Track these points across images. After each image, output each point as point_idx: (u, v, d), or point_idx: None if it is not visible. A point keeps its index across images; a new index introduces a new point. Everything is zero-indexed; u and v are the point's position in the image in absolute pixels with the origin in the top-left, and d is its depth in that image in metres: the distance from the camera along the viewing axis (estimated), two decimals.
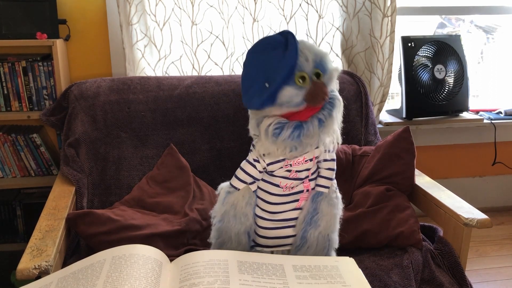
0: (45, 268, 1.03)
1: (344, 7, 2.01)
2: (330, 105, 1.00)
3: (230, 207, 1.07)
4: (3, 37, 1.74)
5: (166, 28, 1.90)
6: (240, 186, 1.08)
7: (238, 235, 1.07)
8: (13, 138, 1.79)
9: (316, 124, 0.98)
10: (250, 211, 1.08)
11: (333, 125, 1.01)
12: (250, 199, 1.08)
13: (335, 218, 1.10)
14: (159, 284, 0.82)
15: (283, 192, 1.07)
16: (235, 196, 1.08)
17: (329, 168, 1.10)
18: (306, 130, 0.97)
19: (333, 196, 1.10)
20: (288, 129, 0.97)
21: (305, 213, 1.09)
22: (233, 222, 1.07)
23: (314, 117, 0.99)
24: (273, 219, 1.09)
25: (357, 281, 0.89)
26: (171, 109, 1.69)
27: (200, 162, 1.68)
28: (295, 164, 1.04)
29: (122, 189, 1.58)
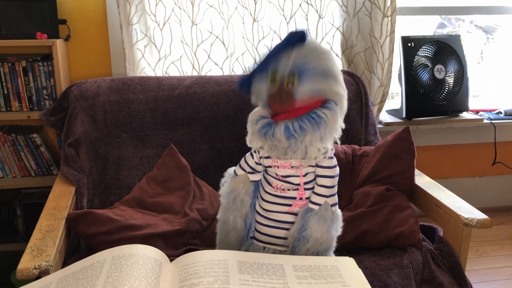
0: (45, 268, 1.03)
1: (344, 7, 2.01)
2: (308, 119, 0.97)
3: (230, 191, 1.11)
4: (3, 37, 1.75)
5: (166, 28, 1.90)
6: (239, 172, 1.12)
7: (235, 219, 1.10)
8: (13, 138, 1.79)
9: (281, 129, 0.97)
10: (248, 200, 1.11)
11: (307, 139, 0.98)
12: (249, 188, 1.11)
13: (328, 237, 1.06)
14: (159, 284, 0.82)
15: (274, 192, 1.08)
16: (235, 181, 1.11)
17: (322, 185, 1.05)
18: (271, 131, 0.98)
19: (326, 214, 1.05)
20: (259, 122, 1.00)
21: (296, 227, 1.06)
22: (232, 205, 1.10)
23: (283, 122, 0.98)
24: (265, 216, 1.09)
25: (357, 281, 0.89)
26: (171, 109, 1.69)
27: (200, 162, 1.68)
28: (281, 167, 1.05)
29: (122, 189, 1.58)
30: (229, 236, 1.11)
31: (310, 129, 0.97)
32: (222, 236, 1.13)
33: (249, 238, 1.13)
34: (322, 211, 1.05)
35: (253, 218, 1.12)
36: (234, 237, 1.11)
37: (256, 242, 1.12)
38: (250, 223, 1.12)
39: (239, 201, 1.10)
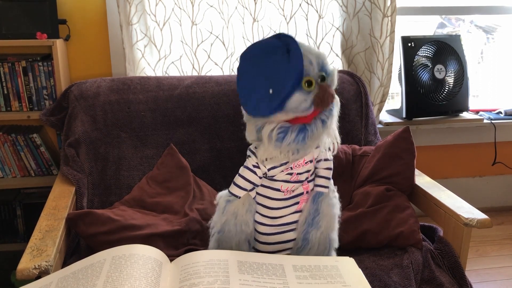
0: (45, 268, 1.03)
1: (344, 7, 2.01)
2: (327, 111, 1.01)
3: (230, 216, 1.05)
4: (3, 37, 1.75)
5: (166, 28, 1.90)
6: (240, 194, 1.06)
7: (239, 244, 1.06)
8: (13, 138, 1.79)
9: (320, 125, 0.99)
10: (251, 218, 1.07)
11: (333, 124, 1.02)
12: (250, 206, 1.06)
13: (335, 218, 1.11)
14: (159, 284, 0.82)
15: (284, 196, 1.07)
16: (235, 204, 1.06)
17: (328, 168, 1.10)
18: (310, 132, 0.98)
19: (332, 196, 1.10)
20: (292, 132, 0.96)
21: (306, 214, 1.08)
22: (234, 231, 1.05)
23: (317, 118, 0.99)
24: (274, 224, 1.08)
25: (357, 281, 0.89)
26: (171, 109, 1.69)
27: (200, 162, 1.68)
28: (295, 167, 1.04)
29: (122, 189, 1.58)
30: None
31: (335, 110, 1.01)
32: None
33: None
34: (330, 194, 1.10)
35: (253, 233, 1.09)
36: None
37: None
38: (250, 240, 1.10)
39: (243, 224, 1.05)
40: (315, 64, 0.97)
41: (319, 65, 0.98)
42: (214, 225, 1.08)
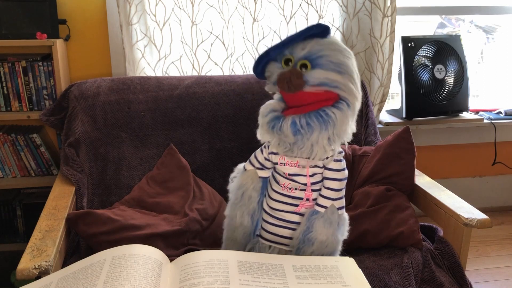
0: (45, 268, 1.03)
1: (344, 7, 2.01)
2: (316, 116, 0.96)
3: (240, 186, 1.11)
4: (3, 37, 1.74)
5: (166, 28, 1.90)
6: (248, 167, 1.11)
7: (242, 215, 1.10)
8: (13, 138, 1.79)
9: (288, 123, 0.96)
10: (255, 196, 1.10)
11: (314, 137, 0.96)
12: (257, 184, 1.10)
13: (334, 241, 1.05)
14: (159, 284, 0.82)
15: (282, 191, 1.08)
16: (244, 176, 1.11)
17: (329, 188, 1.05)
18: (279, 124, 0.97)
19: (332, 217, 1.05)
20: (269, 115, 0.99)
21: (301, 229, 1.06)
22: (240, 201, 1.10)
23: (291, 116, 0.97)
24: (272, 215, 1.09)
25: (357, 281, 0.89)
26: (171, 109, 1.69)
27: (200, 162, 1.68)
28: (287, 164, 1.05)
29: (122, 189, 1.58)
30: (236, 233, 1.11)
31: (317, 127, 0.95)
32: (229, 232, 1.13)
33: (255, 236, 1.13)
34: (328, 214, 1.05)
35: (260, 216, 1.12)
36: (240, 234, 1.11)
37: (262, 241, 1.12)
38: (257, 220, 1.12)
39: (247, 197, 1.10)
40: (305, 51, 0.96)
41: (310, 54, 0.95)
42: (230, 189, 1.14)
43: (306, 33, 0.97)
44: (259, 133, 1.04)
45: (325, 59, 0.96)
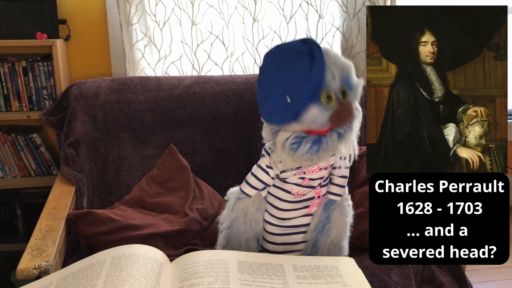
0: (45, 268, 1.03)
1: (344, 7, 2.01)
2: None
3: (240, 213, 1.04)
4: (3, 37, 1.74)
5: (166, 28, 1.90)
6: (251, 193, 1.05)
7: (248, 241, 1.05)
8: (13, 138, 1.79)
9: (335, 138, 0.94)
10: (260, 217, 1.06)
11: (352, 136, 0.97)
12: (261, 205, 1.06)
13: (346, 226, 1.08)
14: (159, 284, 0.82)
15: (294, 199, 1.05)
16: (245, 202, 1.05)
17: (343, 176, 1.07)
18: (325, 145, 0.93)
19: (346, 204, 1.08)
20: (306, 144, 0.93)
21: (317, 221, 1.06)
22: (243, 229, 1.04)
23: (334, 131, 0.94)
24: (282, 225, 1.07)
25: (357, 281, 0.89)
26: (171, 109, 1.69)
27: (200, 162, 1.68)
28: (309, 172, 1.02)
29: (122, 189, 1.58)
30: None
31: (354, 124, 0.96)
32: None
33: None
34: (343, 202, 1.07)
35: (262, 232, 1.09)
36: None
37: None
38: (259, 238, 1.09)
39: (252, 222, 1.05)
40: (337, 78, 0.91)
41: (342, 79, 0.92)
42: (223, 220, 1.07)
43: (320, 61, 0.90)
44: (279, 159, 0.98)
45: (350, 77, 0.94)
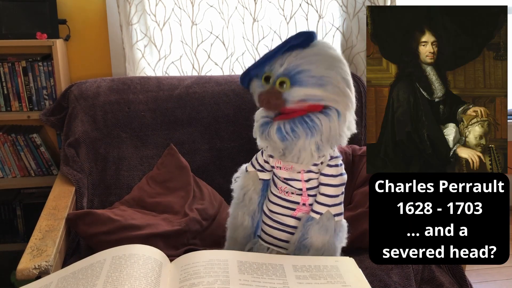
0: (45, 268, 1.03)
1: (344, 7, 2.01)
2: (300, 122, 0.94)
3: (242, 186, 1.12)
4: (3, 37, 1.74)
5: (166, 28, 1.90)
6: (249, 169, 1.12)
7: (243, 216, 1.11)
8: (13, 138, 1.79)
9: (274, 129, 0.94)
10: (256, 198, 1.11)
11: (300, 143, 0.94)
12: (257, 186, 1.11)
13: (330, 248, 1.03)
14: (159, 284, 0.82)
15: (280, 194, 1.07)
16: (246, 178, 1.12)
17: (324, 194, 1.03)
18: (266, 129, 0.96)
19: (329, 224, 1.02)
20: (260, 120, 0.99)
21: (297, 235, 1.05)
22: (241, 202, 1.11)
23: (277, 122, 0.95)
24: (270, 217, 1.09)
25: (357, 281, 0.89)
26: (171, 109, 1.69)
27: (200, 162, 1.68)
28: (283, 169, 1.04)
29: (122, 189, 1.58)
30: (237, 232, 1.12)
31: (302, 133, 0.93)
32: (231, 231, 1.14)
33: (256, 236, 1.13)
34: (324, 220, 1.02)
35: (260, 217, 1.12)
36: (241, 233, 1.11)
37: (261, 242, 1.12)
38: (257, 221, 1.12)
39: (248, 199, 1.11)
40: (283, 68, 0.92)
41: (289, 72, 0.92)
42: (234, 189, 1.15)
43: (285, 47, 0.94)
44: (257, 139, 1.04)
45: (305, 74, 0.92)
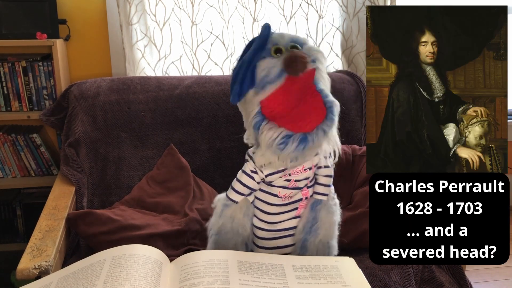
0: (45, 268, 1.03)
1: (344, 7, 2.01)
2: (330, 111, 0.95)
3: (227, 220, 1.04)
4: (3, 37, 1.74)
5: (166, 28, 1.90)
6: (238, 199, 1.04)
7: (236, 247, 1.05)
8: (13, 138, 1.79)
9: (321, 135, 0.94)
10: (248, 222, 1.06)
11: (334, 131, 0.98)
12: (248, 210, 1.05)
13: (334, 225, 1.08)
14: (159, 284, 0.82)
15: (282, 202, 1.05)
16: (232, 209, 1.04)
17: (327, 175, 1.06)
18: (311, 142, 0.93)
19: (332, 203, 1.07)
20: (293, 142, 0.92)
21: (304, 221, 1.06)
22: (231, 234, 1.04)
23: (319, 128, 0.94)
24: (272, 229, 1.06)
25: (357, 281, 0.89)
26: (171, 109, 1.69)
27: (200, 162, 1.68)
28: (294, 174, 1.02)
29: (122, 189, 1.58)
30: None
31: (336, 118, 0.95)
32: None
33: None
34: (329, 201, 1.07)
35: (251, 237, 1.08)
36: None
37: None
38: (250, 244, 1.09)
39: (239, 228, 1.04)
40: (286, 37, 0.97)
41: (291, 39, 0.98)
42: (211, 227, 1.07)
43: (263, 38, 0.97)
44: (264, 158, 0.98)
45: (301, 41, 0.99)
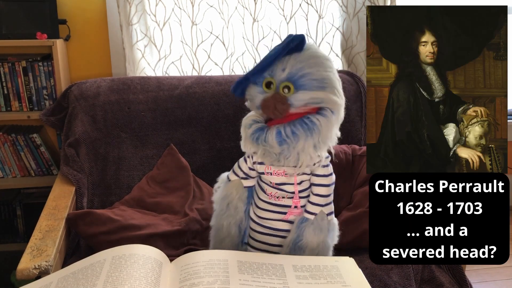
0: (45, 268, 1.03)
1: (344, 7, 2.01)
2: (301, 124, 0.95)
3: (224, 196, 1.09)
4: (3, 37, 1.74)
5: (166, 28, 1.90)
6: (232, 178, 1.09)
7: (229, 226, 1.08)
8: (13, 138, 1.79)
9: (273, 134, 0.95)
10: (242, 206, 1.08)
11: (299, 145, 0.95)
12: (242, 194, 1.08)
13: (324, 246, 1.04)
14: (159, 284, 0.82)
15: (269, 200, 1.05)
16: (228, 187, 1.09)
17: (318, 194, 1.03)
18: (263, 135, 0.95)
19: (323, 223, 1.03)
20: (252, 127, 0.98)
21: (291, 237, 1.04)
22: (226, 212, 1.08)
23: (275, 127, 0.95)
24: (260, 224, 1.07)
25: (357, 281, 0.89)
26: (171, 109, 1.69)
27: (200, 162, 1.68)
28: (274, 174, 1.02)
29: (122, 189, 1.58)
30: (223, 243, 1.09)
31: (302, 135, 0.94)
32: (216, 243, 1.10)
33: (243, 244, 1.11)
34: (318, 220, 1.03)
35: (248, 224, 1.10)
36: (228, 244, 1.08)
37: (250, 249, 1.10)
38: (244, 229, 1.10)
39: (233, 208, 1.07)
40: (286, 73, 0.94)
41: (292, 76, 0.94)
42: (214, 200, 1.12)
43: (283, 52, 0.95)
44: (243, 145, 1.02)
45: (308, 78, 0.94)
